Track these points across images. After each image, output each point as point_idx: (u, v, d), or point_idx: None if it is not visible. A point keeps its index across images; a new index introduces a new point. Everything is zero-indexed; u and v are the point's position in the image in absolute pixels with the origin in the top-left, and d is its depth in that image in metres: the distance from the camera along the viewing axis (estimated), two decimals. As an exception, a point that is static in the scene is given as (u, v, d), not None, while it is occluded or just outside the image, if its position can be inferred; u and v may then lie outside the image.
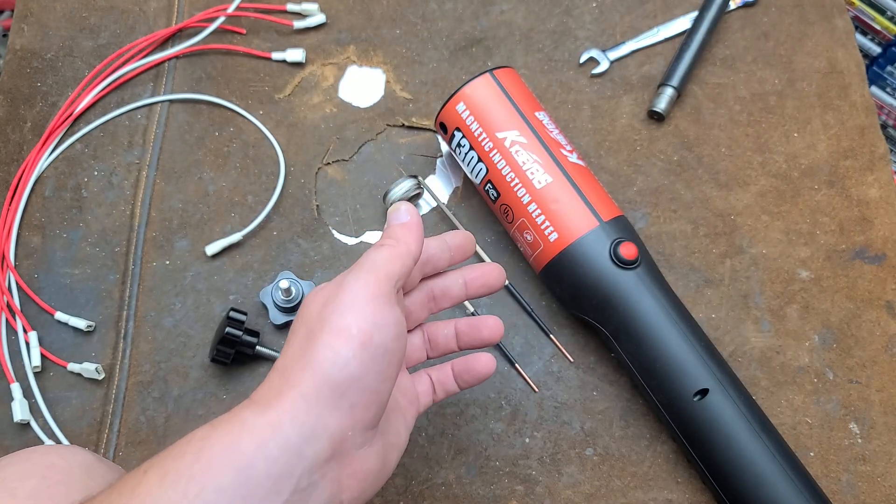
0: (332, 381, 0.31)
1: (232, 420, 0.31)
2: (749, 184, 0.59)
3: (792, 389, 0.52)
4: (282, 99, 0.63)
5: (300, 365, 0.32)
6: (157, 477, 0.29)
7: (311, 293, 0.36)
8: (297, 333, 0.34)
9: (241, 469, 0.29)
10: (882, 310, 0.55)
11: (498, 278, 0.44)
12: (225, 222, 0.58)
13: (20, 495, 0.34)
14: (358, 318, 0.32)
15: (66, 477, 0.36)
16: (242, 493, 0.29)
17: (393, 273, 0.34)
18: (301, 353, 0.32)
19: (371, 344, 0.32)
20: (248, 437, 0.30)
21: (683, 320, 0.48)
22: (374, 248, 0.36)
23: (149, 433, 0.52)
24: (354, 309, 0.32)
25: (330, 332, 0.32)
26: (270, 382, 0.33)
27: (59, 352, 0.54)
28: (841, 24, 0.64)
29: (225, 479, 0.29)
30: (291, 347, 0.33)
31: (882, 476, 0.50)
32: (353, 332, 0.32)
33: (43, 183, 0.60)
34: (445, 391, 0.44)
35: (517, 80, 0.54)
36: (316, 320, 0.33)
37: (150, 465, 0.30)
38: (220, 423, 0.31)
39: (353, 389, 0.31)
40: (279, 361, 0.33)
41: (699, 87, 0.62)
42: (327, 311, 0.33)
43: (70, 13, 0.66)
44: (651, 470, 0.51)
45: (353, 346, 0.31)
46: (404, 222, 0.38)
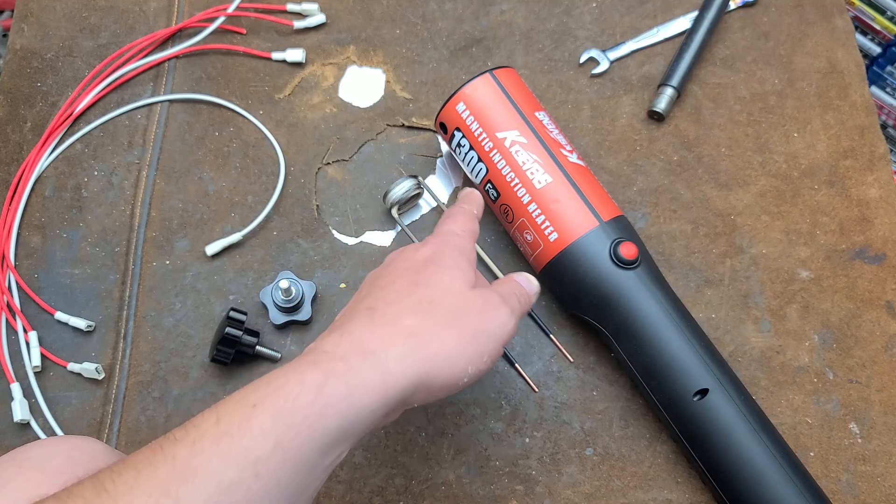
0: (453, 387, 0.36)
1: (350, 370, 0.33)
2: (749, 184, 0.59)
3: (792, 389, 0.52)
4: (282, 99, 0.63)
5: (437, 342, 0.35)
6: (270, 414, 0.30)
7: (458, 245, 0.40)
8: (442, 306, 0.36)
9: (349, 416, 0.32)
10: (882, 310, 0.55)
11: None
12: (225, 222, 0.58)
13: (48, 471, 0.35)
14: (495, 352, 0.38)
15: (90, 457, 0.37)
16: (342, 434, 0.32)
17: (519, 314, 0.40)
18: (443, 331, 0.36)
19: (493, 362, 0.38)
20: (368, 392, 0.32)
21: (683, 320, 0.48)
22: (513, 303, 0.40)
23: (149, 433, 0.52)
24: (498, 343, 0.38)
25: (474, 350, 0.36)
26: (396, 336, 0.35)
27: (59, 352, 0.54)
28: (841, 24, 0.64)
29: (335, 422, 0.31)
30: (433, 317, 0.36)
31: (882, 476, 0.50)
32: (485, 359, 0.37)
33: (43, 183, 0.60)
34: None
35: (517, 80, 0.54)
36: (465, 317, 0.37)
37: (260, 398, 0.31)
38: (335, 370, 0.33)
39: (459, 385, 0.36)
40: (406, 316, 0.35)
41: (699, 87, 0.62)
42: (477, 320, 0.37)
43: (70, 13, 0.66)
44: (651, 470, 0.51)
45: (480, 372, 0.37)
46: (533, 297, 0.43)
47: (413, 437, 0.52)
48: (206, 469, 0.29)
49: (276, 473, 0.29)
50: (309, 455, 0.31)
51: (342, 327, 0.35)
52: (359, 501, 0.50)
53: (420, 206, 0.59)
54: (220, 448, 0.29)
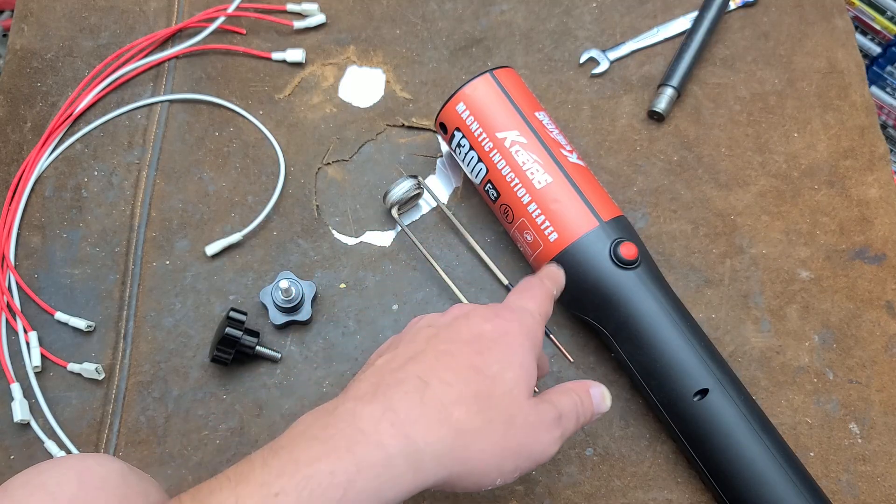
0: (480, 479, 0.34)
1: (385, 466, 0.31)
2: (749, 184, 0.59)
3: (792, 389, 0.52)
4: (282, 99, 0.63)
5: (479, 447, 0.33)
6: (328, 468, 0.29)
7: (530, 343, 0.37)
8: (499, 405, 0.34)
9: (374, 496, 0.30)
10: (882, 310, 0.55)
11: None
12: (225, 222, 0.58)
13: (60, 499, 0.34)
14: (528, 467, 0.35)
15: (103, 483, 0.36)
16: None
17: (569, 435, 0.38)
18: (504, 433, 0.34)
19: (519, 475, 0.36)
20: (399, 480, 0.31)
21: (683, 320, 0.48)
22: (574, 416, 0.37)
23: (149, 433, 0.52)
24: (534, 462, 0.35)
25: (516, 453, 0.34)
26: (436, 424, 0.32)
27: (59, 352, 0.54)
28: (841, 24, 0.64)
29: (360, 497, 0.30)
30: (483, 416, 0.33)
31: (882, 476, 0.50)
32: (517, 474, 0.35)
33: (43, 183, 0.60)
34: None
35: (517, 81, 0.54)
36: (518, 425, 0.34)
37: (282, 488, 0.29)
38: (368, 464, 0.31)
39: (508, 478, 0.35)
40: (459, 407, 0.33)
41: (699, 87, 0.62)
42: (525, 436, 0.35)
43: (70, 13, 0.66)
44: (651, 470, 0.51)
45: (515, 475, 0.35)
46: (596, 416, 0.40)
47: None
48: None
49: None
50: None
51: (386, 395, 0.33)
52: (359, 501, 0.50)
53: (420, 206, 0.59)
54: None
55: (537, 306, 0.39)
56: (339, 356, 0.54)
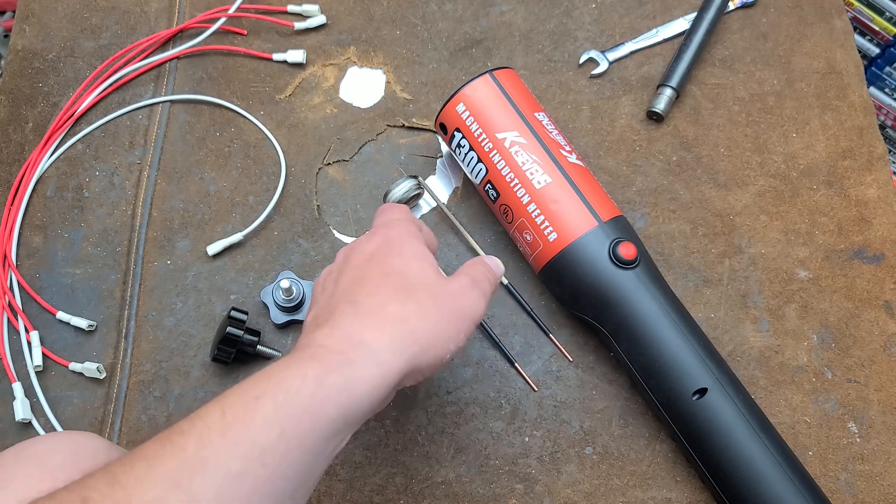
0: (441, 360, 0.37)
1: (347, 363, 0.34)
2: (748, 184, 0.59)
3: (790, 389, 0.53)
4: (283, 99, 0.63)
5: (423, 336, 0.36)
6: (273, 406, 0.31)
7: (413, 238, 0.41)
8: (417, 289, 0.38)
9: (350, 406, 0.33)
10: (880, 309, 0.55)
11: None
12: (226, 222, 0.58)
13: (50, 468, 0.36)
14: (470, 329, 0.39)
15: (92, 454, 0.37)
16: (343, 425, 0.33)
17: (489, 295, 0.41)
18: (424, 323, 0.37)
19: (468, 338, 0.39)
20: (366, 381, 0.33)
21: (682, 320, 0.48)
22: (481, 282, 0.41)
23: (150, 432, 0.52)
24: (472, 320, 0.39)
25: (454, 325, 0.38)
26: (384, 323, 0.36)
27: (60, 351, 0.54)
28: (839, 25, 0.64)
29: (336, 412, 0.32)
30: (410, 299, 0.37)
31: (880, 475, 0.50)
32: (462, 337, 0.38)
33: (44, 183, 0.60)
34: None
35: (517, 81, 0.54)
36: (441, 299, 0.38)
37: (262, 391, 0.32)
38: (332, 363, 0.33)
39: (442, 367, 0.38)
40: (395, 296, 0.37)
41: (698, 88, 0.62)
42: (452, 301, 0.38)
43: (71, 14, 0.66)
44: (650, 469, 0.51)
45: (462, 344, 0.39)
46: (499, 279, 0.44)
47: (413, 437, 0.52)
48: (215, 460, 0.29)
49: (282, 462, 0.31)
50: (312, 443, 0.32)
51: (329, 321, 0.36)
52: (359, 500, 0.50)
53: (420, 206, 0.59)
54: (226, 440, 0.30)
55: (400, 212, 0.44)
56: (340, 355, 0.54)
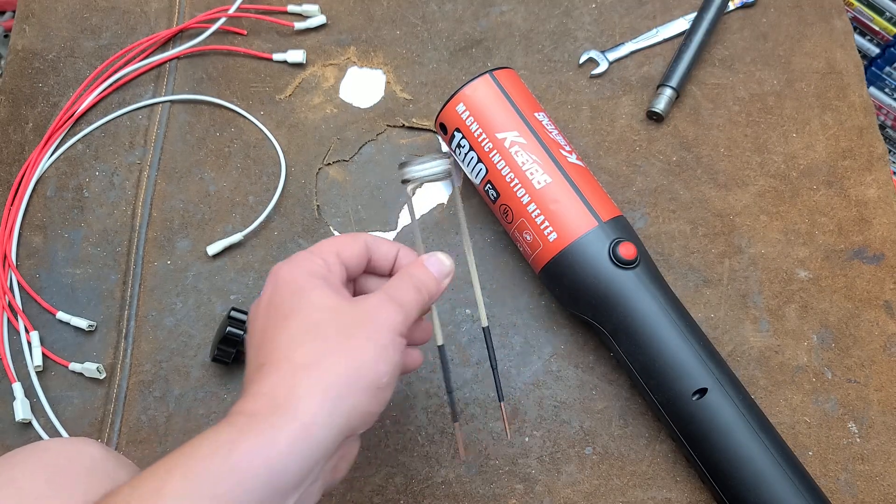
0: (370, 391, 0.34)
1: (259, 423, 0.31)
2: (748, 184, 0.59)
3: (790, 389, 0.53)
4: (283, 100, 0.63)
5: (339, 370, 0.33)
6: (181, 477, 0.29)
7: (308, 274, 0.36)
8: (320, 327, 0.34)
9: (272, 469, 0.30)
10: (880, 309, 0.55)
11: (416, 361, 0.43)
12: (226, 222, 0.58)
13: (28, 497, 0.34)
14: (393, 342, 0.35)
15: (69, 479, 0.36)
16: (269, 491, 0.30)
17: (413, 321, 0.38)
18: (335, 357, 0.33)
19: (396, 365, 0.36)
20: (283, 443, 0.31)
21: (682, 320, 0.48)
22: (406, 285, 0.38)
23: (150, 432, 0.52)
24: (390, 333, 0.35)
25: (372, 347, 0.34)
26: (291, 377, 0.33)
27: (60, 351, 0.54)
28: (839, 25, 0.64)
29: (256, 481, 0.30)
30: (315, 342, 0.34)
31: (880, 475, 0.50)
32: (390, 352, 0.35)
33: (44, 183, 0.60)
34: None
35: (517, 81, 0.54)
36: (349, 325, 0.35)
37: (174, 464, 0.30)
38: (244, 428, 0.31)
39: (377, 400, 0.34)
40: (296, 351, 0.34)
41: (698, 88, 0.62)
42: (362, 323, 0.35)
43: (71, 14, 0.66)
44: (650, 469, 0.51)
45: (389, 364, 0.35)
46: (442, 282, 0.40)
47: (413, 437, 0.52)
48: None
49: None
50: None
51: (244, 389, 0.34)
52: (359, 500, 0.50)
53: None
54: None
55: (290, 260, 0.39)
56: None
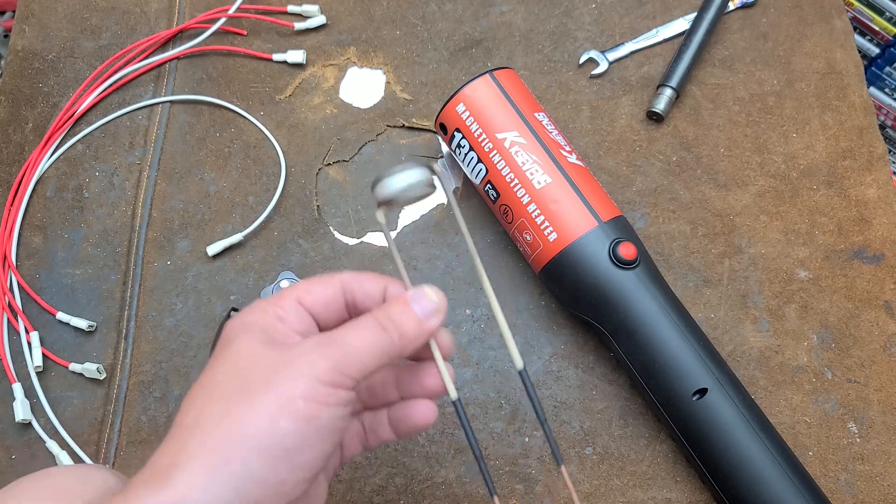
0: (266, 453, 0.27)
1: (130, 499, 0.27)
2: (748, 184, 0.59)
3: (790, 389, 0.53)
4: (282, 100, 0.63)
5: (224, 428, 0.27)
6: None
7: (244, 325, 0.31)
8: (221, 384, 0.29)
9: None
10: (880, 309, 0.55)
11: (427, 418, 0.36)
12: (226, 223, 0.58)
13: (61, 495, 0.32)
14: (308, 392, 0.28)
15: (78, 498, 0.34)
16: None
17: (367, 367, 0.30)
18: (226, 413, 0.28)
19: (317, 422, 0.28)
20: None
21: (682, 320, 0.48)
22: (362, 323, 0.31)
23: (150, 433, 0.52)
24: (308, 381, 0.28)
25: (274, 398, 0.28)
26: (176, 443, 0.28)
27: (60, 352, 0.54)
28: (839, 25, 0.64)
29: None
30: (211, 399, 0.28)
31: (880, 475, 0.50)
32: (299, 405, 0.28)
33: (44, 183, 0.60)
34: (379, 438, 0.37)
35: (517, 81, 0.54)
36: (255, 376, 0.29)
37: None
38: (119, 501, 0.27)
39: (284, 464, 0.28)
40: (188, 413, 0.29)
41: (698, 88, 0.62)
42: (271, 370, 0.29)
43: (71, 14, 0.66)
44: (650, 469, 0.51)
45: (297, 420, 0.28)
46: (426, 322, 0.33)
47: (413, 437, 0.52)
48: None
49: None
50: None
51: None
52: (359, 501, 0.50)
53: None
54: None
55: None
56: (340, 356, 0.54)
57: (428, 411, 0.36)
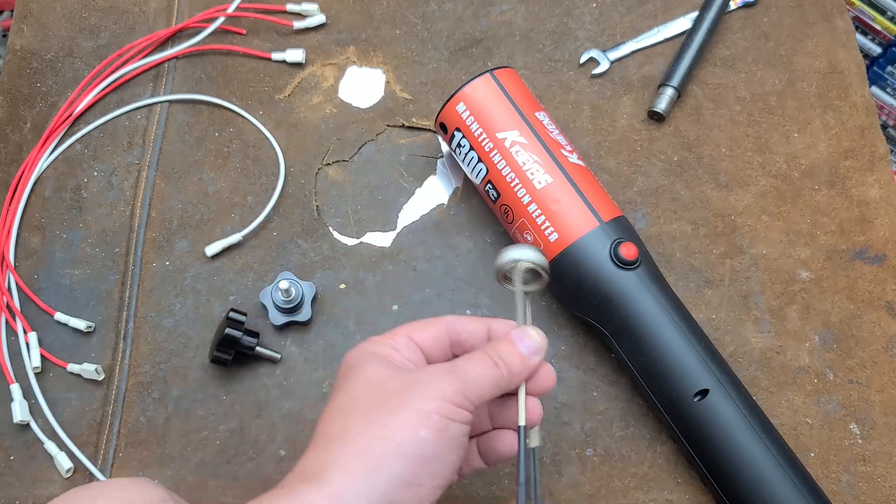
0: (409, 459, 0.32)
1: (285, 493, 0.31)
2: (749, 184, 0.59)
3: (792, 390, 0.52)
4: (282, 99, 0.63)
5: (371, 436, 0.32)
6: None
7: (365, 353, 0.37)
8: (359, 400, 0.34)
9: None
10: (882, 310, 0.55)
11: (511, 447, 0.40)
12: (225, 223, 0.58)
13: None
14: (440, 408, 0.33)
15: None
16: None
17: (484, 396, 0.36)
18: (370, 425, 0.33)
19: (448, 434, 0.33)
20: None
21: (683, 321, 0.48)
22: (479, 357, 0.36)
23: (149, 434, 0.52)
24: (439, 400, 0.34)
25: (412, 412, 0.33)
26: (324, 450, 0.33)
27: (58, 352, 0.54)
28: (841, 25, 0.64)
29: None
30: (353, 413, 0.34)
31: (882, 477, 0.50)
32: (434, 418, 0.33)
33: (43, 183, 0.60)
34: (471, 467, 0.41)
35: (517, 81, 0.54)
36: (392, 393, 0.34)
37: None
38: (271, 497, 0.31)
39: (423, 469, 0.33)
40: (333, 426, 0.34)
41: (699, 88, 0.62)
42: (405, 389, 0.34)
43: (70, 13, 0.66)
44: (651, 470, 0.51)
45: (433, 431, 0.33)
46: (530, 359, 0.37)
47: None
48: None
49: None
50: None
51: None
52: (359, 502, 0.50)
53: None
54: None
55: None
56: (339, 357, 0.53)
57: (512, 442, 0.40)
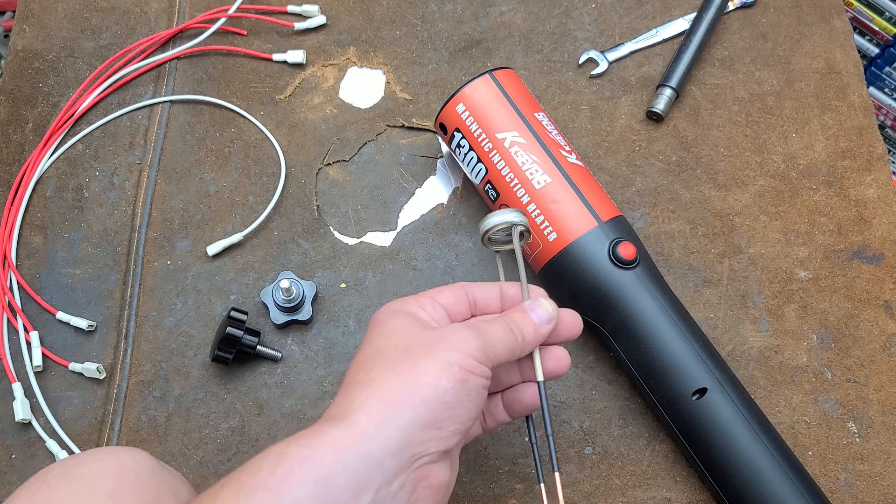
0: (430, 403, 0.33)
1: (310, 433, 0.32)
2: (747, 184, 0.59)
3: (790, 389, 0.53)
4: (282, 100, 0.63)
5: (395, 381, 0.34)
6: (233, 491, 0.30)
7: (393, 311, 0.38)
8: (385, 351, 0.36)
9: (319, 480, 0.30)
10: (880, 309, 0.55)
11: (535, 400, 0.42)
12: (226, 222, 0.58)
13: (99, 493, 0.35)
14: (461, 361, 0.35)
15: (137, 478, 0.37)
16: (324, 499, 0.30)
17: (501, 356, 0.37)
18: (395, 371, 0.34)
19: (468, 384, 0.35)
20: (329, 449, 0.31)
21: (682, 320, 0.48)
22: (498, 322, 0.38)
23: (150, 432, 0.52)
24: (460, 353, 0.35)
25: (435, 362, 0.34)
26: (350, 394, 0.34)
27: (60, 351, 0.54)
28: (839, 25, 0.64)
29: (302, 491, 0.30)
30: (379, 361, 0.35)
31: (880, 475, 0.50)
32: (455, 369, 0.35)
33: (44, 183, 0.60)
34: (496, 420, 0.43)
35: (516, 81, 0.54)
36: (416, 345, 0.36)
37: (227, 480, 0.31)
38: (298, 437, 0.32)
39: (444, 414, 0.34)
40: (359, 373, 0.35)
41: (698, 88, 0.62)
42: (429, 342, 0.36)
43: (71, 14, 0.66)
44: (650, 469, 0.51)
45: (454, 380, 0.34)
46: (542, 328, 0.40)
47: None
48: None
49: None
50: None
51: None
52: (359, 500, 0.50)
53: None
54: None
55: None
56: (340, 355, 0.54)
57: (532, 394, 0.42)
